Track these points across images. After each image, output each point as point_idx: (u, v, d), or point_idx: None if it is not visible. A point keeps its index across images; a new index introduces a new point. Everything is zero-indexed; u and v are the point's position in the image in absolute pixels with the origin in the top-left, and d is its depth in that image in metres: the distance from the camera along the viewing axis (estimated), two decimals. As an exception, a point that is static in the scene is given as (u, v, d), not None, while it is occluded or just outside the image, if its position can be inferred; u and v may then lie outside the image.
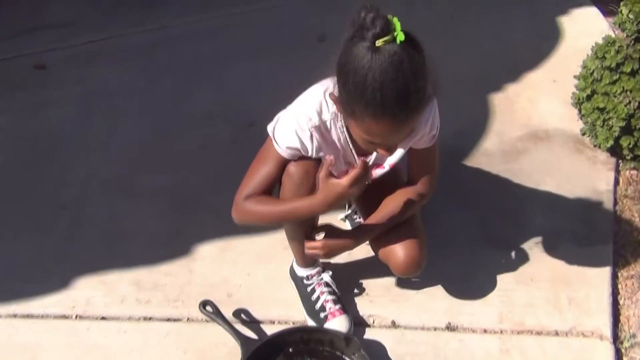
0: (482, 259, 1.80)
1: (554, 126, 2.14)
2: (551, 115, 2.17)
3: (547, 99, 2.22)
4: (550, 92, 2.24)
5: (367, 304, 1.72)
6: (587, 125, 2.07)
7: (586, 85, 2.04)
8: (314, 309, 1.66)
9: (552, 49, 2.40)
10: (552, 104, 2.20)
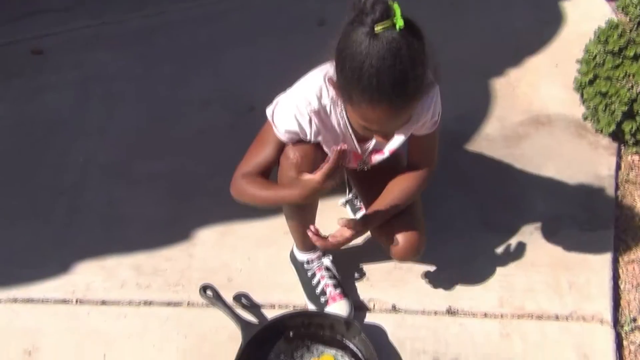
0: (482, 243, 1.80)
1: (555, 111, 2.13)
2: (553, 100, 2.16)
3: (549, 84, 2.21)
4: (552, 77, 2.23)
5: (367, 289, 1.71)
6: (589, 110, 2.06)
7: (588, 69, 2.02)
8: (314, 293, 1.66)
9: (554, 34, 2.38)
10: (553, 89, 2.19)
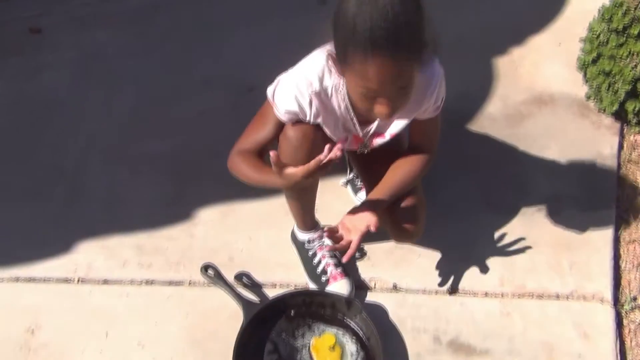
0: (483, 223, 1.79)
1: (558, 90, 2.11)
2: (556, 79, 2.14)
3: (552, 63, 2.19)
4: (555, 56, 2.20)
5: (368, 268, 1.72)
6: (592, 89, 2.04)
7: (592, 48, 2.00)
8: (315, 272, 1.66)
9: (558, 12, 2.35)
10: (556, 68, 2.17)
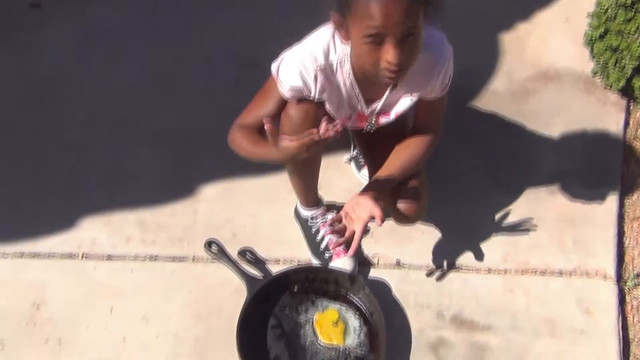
0: (488, 200, 1.79)
1: (564, 66, 2.08)
2: (562, 54, 2.11)
3: (559, 38, 2.16)
4: (561, 32, 2.17)
5: (371, 244, 1.72)
6: (598, 65, 2.01)
7: (599, 23, 1.97)
8: (318, 249, 1.66)
9: (566, -14, 2.31)
10: (563, 44, 2.14)
